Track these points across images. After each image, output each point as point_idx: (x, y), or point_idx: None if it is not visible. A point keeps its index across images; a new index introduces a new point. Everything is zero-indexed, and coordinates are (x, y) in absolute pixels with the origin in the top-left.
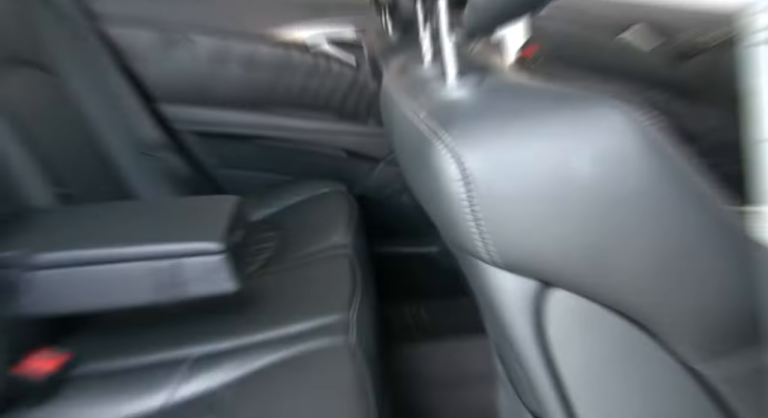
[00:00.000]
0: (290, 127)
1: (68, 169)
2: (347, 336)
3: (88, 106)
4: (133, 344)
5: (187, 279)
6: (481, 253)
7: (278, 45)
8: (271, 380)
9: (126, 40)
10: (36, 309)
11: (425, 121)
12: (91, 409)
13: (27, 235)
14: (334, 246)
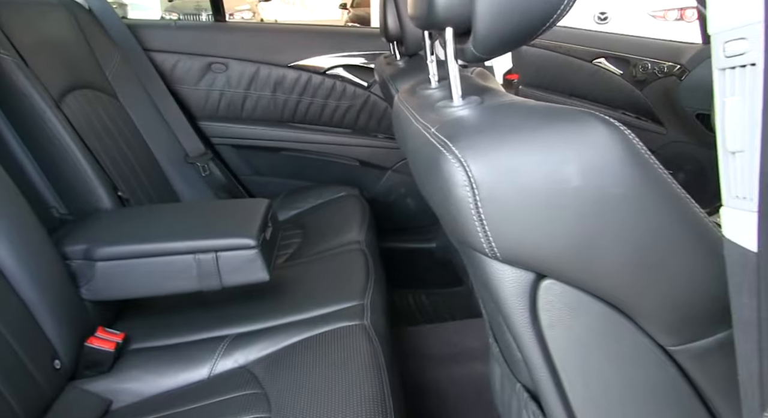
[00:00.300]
0: (311, 140)
1: (126, 176)
2: (363, 319)
3: (140, 122)
4: (177, 326)
5: (227, 270)
6: (484, 248)
7: (301, 71)
8: (298, 355)
9: (171, 66)
10: (99, 294)
11: (436, 135)
12: (144, 379)
13: (93, 231)
14: (349, 242)
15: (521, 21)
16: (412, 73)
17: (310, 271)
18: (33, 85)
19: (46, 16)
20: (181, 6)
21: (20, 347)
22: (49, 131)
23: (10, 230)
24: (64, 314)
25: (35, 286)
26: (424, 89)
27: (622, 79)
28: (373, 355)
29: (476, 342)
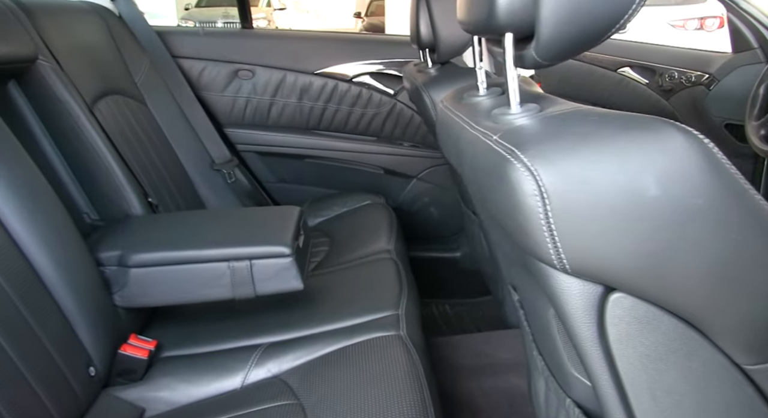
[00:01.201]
0: (336, 148)
1: (154, 182)
2: (398, 330)
3: (168, 128)
4: (208, 334)
5: (260, 278)
6: (552, 260)
7: (328, 78)
8: (333, 366)
9: (198, 73)
10: (132, 301)
11: (500, 143)
12: (177, 388)
13: (127, 238)
14: (379, 251)
15: (588, 25)
16: (446, 80)
17: (340, 280)
18: (68, 90)
19: (79, 22)
20: (196, 14)
21: (58, 353)
22: (83, 137)
23: (49, 236)
24: (99, 321)
25: (72, 292)
26: (473, 96)
27: (647, 88)
28: (412, 366)
29: (508, 354)
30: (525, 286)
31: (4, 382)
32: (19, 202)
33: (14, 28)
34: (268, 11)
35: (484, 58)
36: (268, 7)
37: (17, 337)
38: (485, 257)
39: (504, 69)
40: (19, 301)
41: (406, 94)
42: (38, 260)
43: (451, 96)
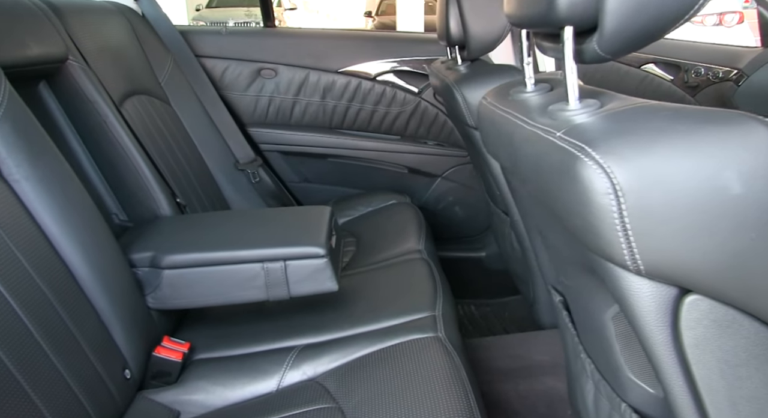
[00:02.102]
0: (359, 147)
1: (181, 183)
2: (436, 331)
3: (192, 128)
4: (240, 335)
5: (295, 279)
6: (625, 261)
7: (351, 77)
8: (371, 368)
9: (221, 72)
10: (165, 303)
11: (565, 139)
12: (212, 390)
13: (158, 239)
14: (409, 251)
15: (654, 17)
16: (477, 78)
17: (372, 280)
18: (97, 90)
19: (106, 22)
20: (207, 15)
21: (95, 355)
22: (112, 137)
23: (84, 237)
24: (133, 323)
25: (106, 294)
26: (520, 93)
27: (672, 85)
28: (454, 370)
29: (543, 355)
30: (579, 287)
31: (45, 383)
32: (54, 203)
33: (46, 29)
34: (278, 11)
35: (514, 53)
36: (278, 7)
37: (57, 339)
38: (516, 258)
39: (563, 64)
40: (57, 302)
41: (430, 92)
42: (73, 261)
43: (495, 93)
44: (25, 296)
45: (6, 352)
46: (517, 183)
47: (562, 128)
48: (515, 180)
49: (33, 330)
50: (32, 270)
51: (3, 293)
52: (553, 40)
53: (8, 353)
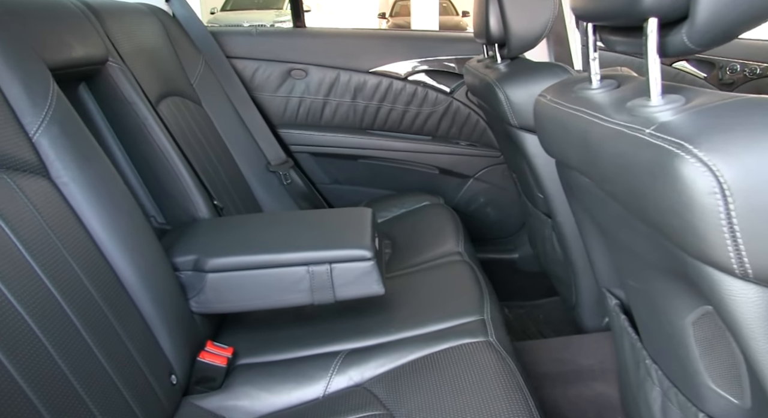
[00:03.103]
0: (390, 148)
1: (215, 185)
2: (487, 335)
3: (223, 129)
4: (283, 340)
5: (340, 283)
6: (730, 264)
7: (382, 76)
8: (422, 374)
9: (252, 73)
10: (208, 307)
11: (658, 137)
12: (257, 396)
13: (200, 242)
14: (449, 253)
15: (750, 6)
16: (520, 76)
17: (414, 283)
18: (136, 92)
19: (141, 23)
20: (222, 18)
21: (143, 360)
22: (151, 138)
23: (129, 240)
24: (178, 328)
25: (152, 298)
26: (585, 89)
27: (705, 82)
28: (511, 376)
29: (590, 359)
30: (654, 290)
31: (98, 388)
32: (101, 206)
33: (87, 30)
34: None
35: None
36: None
37: (107, 344)
38: (556, 260)
39: (645, 57)
40: (106, 306)
41: (462, 92)
42: (119, 264)
43: (555, 90)
44: (77, 300)
45: (62, 357)
46: (582, 182)
47: (649, 125)
48: (585, 179)
49: (85, 335)
50: (81, 273)
51: (56, 297)
52: (623, 34)
53: (64, 358)
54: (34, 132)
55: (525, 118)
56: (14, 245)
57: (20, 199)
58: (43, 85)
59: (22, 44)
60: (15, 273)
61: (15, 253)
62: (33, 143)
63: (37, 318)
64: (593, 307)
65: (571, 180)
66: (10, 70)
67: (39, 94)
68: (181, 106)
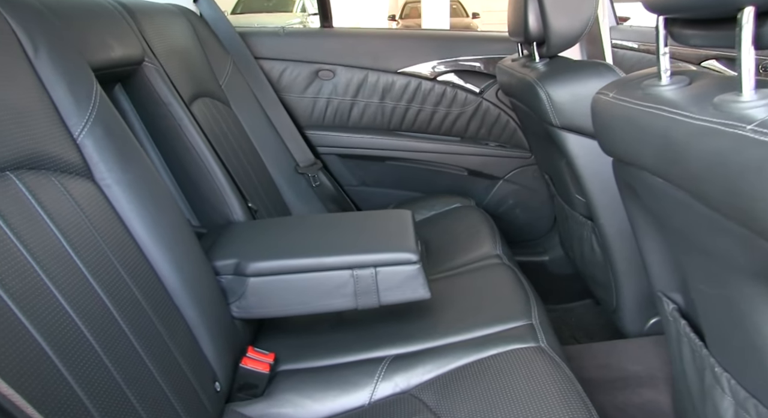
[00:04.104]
0: (418, 149)
1: (250, 186)
2: (538, 341)
3: (252, 131)
4: (324, 345)
5: (385, 287)
6: None
7: (411, 77)
8: (472, 381)
9: (279, 74)
10: (250, 312)
11: (765, 133)
12: (301, 404)
13: (240, 245)
14: (487, 256)
15: None
16: (562, 75)
17: (455, 287)
18: (171, 92)
19: (172, 24)
20: (233, 21)
21: (188, 367)
22: (186, 140)
23: (171, 243)
24: (220, 333)
25: (194, 303)
26: (655, 86)
27: None
28: (569, 383)
29: (636, 365)
30: (736, 296)
31: (148, 396)
32: (144, 209)
33: (125, 30)
34: (303, 16)
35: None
36: (302, 12)
37: (154, 350)
38: (596, 262)
39: (738, 50)
40: (152, 312)
41: (492, 92)
42: (162, 269)
43: (619, 87)
44: (124, 305)
45: (113, 362)
46: (653, 183)
47: (747, 121)
48: (659, 180)
49: (134, 341)
50: (127, 277)
51: (104, 301)
52: (701, 27)
53: (115, 364)
54: (78, 133)
55: (567, 117)
56: (64, 248)
57: (68, 202)
58: (87, 86)
59: (67, 44)
60: (65, 276)
61: (65, 256)
62: (77, 145)
63: (87, 322)
64: (635, 311)
65: (635, 181)
66: (56, 70)
67: (83, 95)
68: (211, 108)
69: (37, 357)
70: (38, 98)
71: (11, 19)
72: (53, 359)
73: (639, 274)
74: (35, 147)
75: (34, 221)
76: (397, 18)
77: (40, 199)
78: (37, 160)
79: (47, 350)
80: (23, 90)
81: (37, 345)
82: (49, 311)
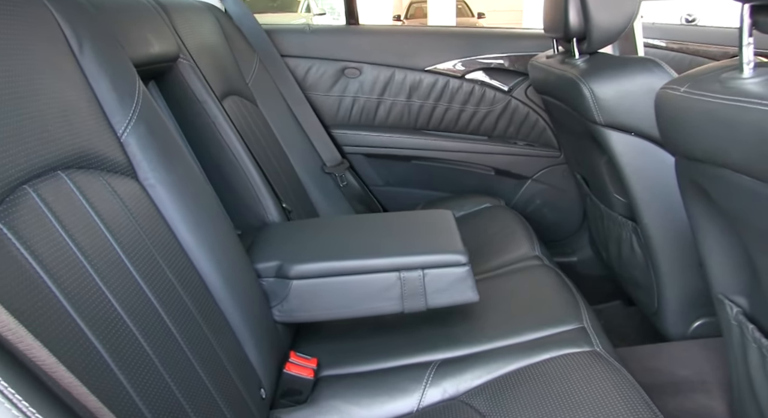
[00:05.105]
0: (445, 148)
1: (283, 186)
2: (592, 345)
3: (278, 130)
4: (366, 350)
5: (433, 289)
6: None
7: (438, 75)
8: (526, 386)
9: (304, 72)
10: (292, 316)
11: None
12: (346, 410)
13: (280, 247)
14: (526, 257)
15: None
16: (607, 71)
17: (497, 288)
18: (206, 90)
19: (201, 20)
20: None
21: (235, 373)
22: (221, 139)
23: (215, 247)
24: (264, 338)
25: (238, 307)
26: (736, 78)
27: None
28: (632, 389)
29: (685, 370)
30: None
31: (199, 402)
32: (187, 210)
33: (160, 26)
34: (308, 17)
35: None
36: (307, 12)
37: (203, 355)
38: (636, 264)
39: None
40: (199, 316)
41: (521, 90)
42: (207, 271)
43: (691, 81)
44: (172, 308)
45: (165, 367)
46: (735, 181)
47: None
48: (745, 179)
49: (183, 346)
50: (174, 279)
51: (154, 303)
52: None
53: (167, 368)
54: (122, 131)
55: (612, 114)
56: (114, 249)
57: (116, 202)
58: (130, 82)
59: (110, 39)
60: (116, 277)
61: (115, 257)
62: (121, 143)
63: (138, 324)
64: (679, 313)
65: (708, 180)
66: (100, 66)
67: (126, 92)
68: (240, 106)
69: (92, 357)
70: (84, 95)
71: (57, 13)
72: (107, 359)
73: (683, 275)
74: (84, 146)
75: (85, 222)
76: (402, 18)
77: (90, 200)
78: (86, 159)
79: (101, 351)
80: (70, 86)
81: (92, 345)
82: (102, 312)
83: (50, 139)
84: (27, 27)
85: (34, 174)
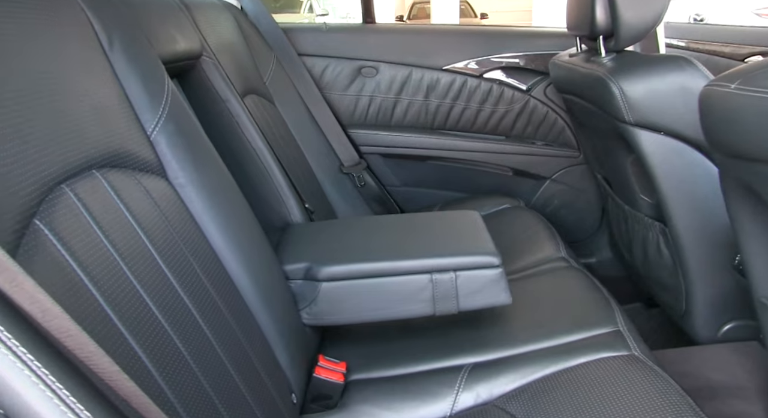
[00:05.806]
0: (463, 148)
1: (305, 186)
2: (630, 349)
3: (295, 129)
4: (395, 353)
5: (465, 292)
6: None
7: (456, 74)
8: (562, 391)
9: (321, 71)
10: (321, 319)
11: None
12: (377, 416)
13: (308, 248)
14: (551, 258)
15: None
16: (637, 69)
17: (525, 291)
18: (229, 88)
19: (221, 19)
20: None
21: (268, 379)
22: (244, 138)
23: (245, 248)
24: (293, 342)
25: (268, 310)
26: None
27: None
28: (677, 395)
29: (719, 374)
30: None
31: (234, 406)
32: (217, 210)
33: (184, 23)
34: (311, 17)
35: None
36: (310, 12)
37: (237, 358)
38: (663, 265)
39: None
40: (231, 318)
41: (540, 89)
42: (237, 273)
43: (744, 77)
44: (205, 310)
45: (202, 371)
46: None
47: None
48: None
49: (218, 349)
50: (206, 280)
51: (188, 305)
52: None
53: (203, 372)
54: (152, 130)
55: (642, 113)
56: (148, 249)
57: (149, 201)
58: (160, 80)
59: (139, 36)
60: (150, 277)
61: (149, 256)
62: (151, 142)
63: (173, 325)
64: (708, 316)
65: (759, 179)
66: (130, 64)
67: (156, 90)
68: (260, 105)
69: (134, 362)
70: (115, 92)
71: (88, 9)
72: (146, 363)
73: (713, 276)
74: (116, 144)
75: (120, 222)
76: (405, 19)
77: (124, 199)
78: (118, 158)
79: (141, 355)
80: (102, 84)
81: (132, 349)
82: (140, 316)
83: (84, 138)
84: (60, 24)
85: (70, 173)
